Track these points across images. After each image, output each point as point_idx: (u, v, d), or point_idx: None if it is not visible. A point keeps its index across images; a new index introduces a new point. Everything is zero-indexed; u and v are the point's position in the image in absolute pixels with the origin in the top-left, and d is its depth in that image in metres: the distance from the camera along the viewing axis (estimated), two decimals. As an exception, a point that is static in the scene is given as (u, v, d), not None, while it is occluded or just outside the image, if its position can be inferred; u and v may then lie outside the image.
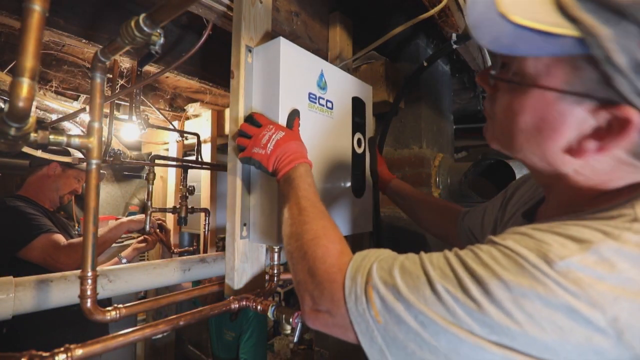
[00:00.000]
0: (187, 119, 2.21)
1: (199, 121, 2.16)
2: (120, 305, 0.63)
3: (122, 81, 1.51)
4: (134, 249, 1.54)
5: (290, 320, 0.65)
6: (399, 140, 1.42)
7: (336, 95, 0.90)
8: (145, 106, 1.80)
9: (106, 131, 1.45)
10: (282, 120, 0.72)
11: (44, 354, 0.48)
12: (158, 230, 1.62)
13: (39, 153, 1.38)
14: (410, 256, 0.38)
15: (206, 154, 2.06)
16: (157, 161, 1.67)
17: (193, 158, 1.87)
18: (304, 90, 0.79)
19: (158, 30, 0.50)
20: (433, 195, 1.30)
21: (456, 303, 0.30)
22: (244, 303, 0.71)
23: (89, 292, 0.57)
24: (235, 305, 0.71)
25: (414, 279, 0.34)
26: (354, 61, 1.23)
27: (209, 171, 2.07)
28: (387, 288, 0.35)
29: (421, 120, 1.36)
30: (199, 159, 1.85)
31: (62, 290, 0.74)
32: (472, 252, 0.34)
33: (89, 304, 0.58)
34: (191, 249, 2.04)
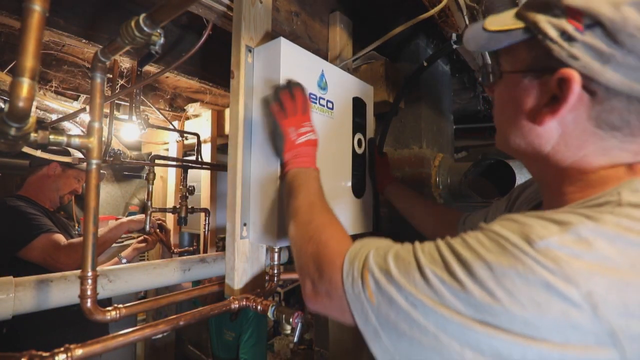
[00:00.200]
0: (187, 119, 2.21)
1: (199, 121, 2.16)
2: (120, 305, 0.63)
3: (122, 81, 1.51)
4: (134, 249, 1.53)
5: (290, 320, 0.65)
6: (399, 140, 1.42)
7: (337, 95, 0.90)
8: (145, 106, 1.80)
9: (106, 131, 1.45)
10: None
11: (44, 354, 0.48)
12: (158, 230, 1.62)
13: (38, 153, 1.38)
14: (406, 245, 0.41)
15: (206, 154, 2.06)
16: (157, 161, 1.67)
17: (193, 158, 1.87)
18: (304, 91, 0.79)
19: (158, 30, 0.50)
20: (431, 200, 1.31)
21: (443, 285, 0.33)
22: (244, 303, 0.71)
23: (89, 292, 0.57)
24: (235, 305, 0.71)
25: (405, 264, 0.37)
26: (354, 61, 1.23)
27: (209, 171, 2.07)
28: (381, 272, 0.37)
29: (421, 120, 1.36)
30: (199, 159, 1.85)
31: (62, 290, 0.74)
32: (461, 238, 0.36)
33: (89, 304, 0.58)
34: (191, 249, 2.04)
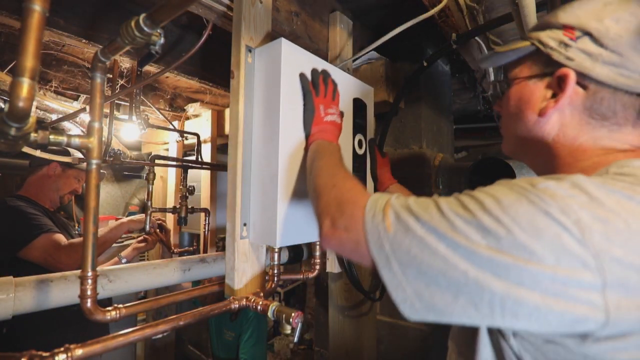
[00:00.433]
0: (187, 119, 2.21)
1: (199, 121, 2.16)
2: (120, 305, 0.63)
3: (122, 81, 1.51)
4: (134, 249, 1.53)
5: (290, 320, 0.65)
6: (399, 140, 1.42)
7: (336, 95, 0.90)
8: (145, 106, 1.80)
9: (106, 131, 1.45)
10: (283, 120, 0.72)
11: (44, 354, 0.48)
12: (158, 230, 1.62)
13: (38, 153, 1.38)
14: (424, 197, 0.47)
15: (206, 154, 2.06)
16: (157, 161, 1.67)
17: (193, 158, 1.87)
18: (304, 91, 0.79)
19: (158, 30, 0.50)
20: None
21: (457, 216, 0.39)
22: (244, 303, 0.71)
23: (89, 292, 0.57)
24: (235, 305, 0.71)
25: (425, 205, 0.42)
26: (354, 61, 1.23)
27: (209, 171, 2.07)
28: (402, 207, 0.43)
29: (421, 120, 1.36)
30: (199, 159, 1.85)
31: (62, 290, 0.74)
32: (476, 189, 0.43)
33: (89, 304, 0.58)
34: (191, 249, 2.04)
